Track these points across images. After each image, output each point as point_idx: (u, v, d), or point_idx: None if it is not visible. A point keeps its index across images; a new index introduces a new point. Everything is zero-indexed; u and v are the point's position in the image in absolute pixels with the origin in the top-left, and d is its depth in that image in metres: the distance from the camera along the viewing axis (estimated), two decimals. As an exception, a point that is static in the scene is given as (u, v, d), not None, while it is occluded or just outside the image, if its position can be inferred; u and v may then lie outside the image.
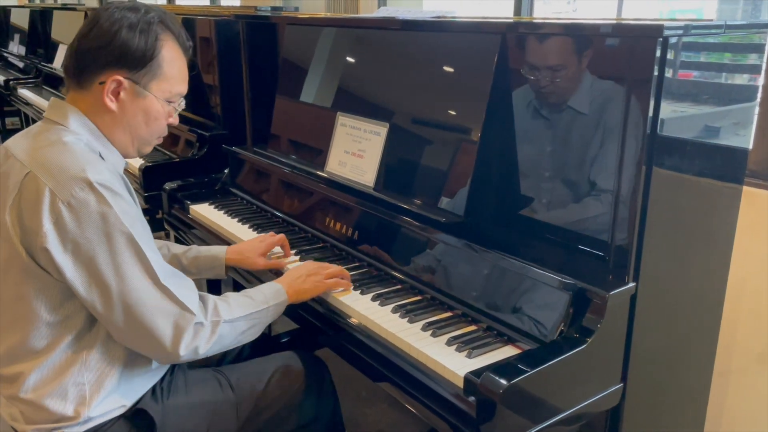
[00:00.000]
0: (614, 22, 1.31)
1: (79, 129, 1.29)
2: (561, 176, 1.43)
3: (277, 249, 1.77)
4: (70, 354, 1.28)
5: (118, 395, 1.33)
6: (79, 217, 1.18)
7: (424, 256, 1.57)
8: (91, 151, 1.28)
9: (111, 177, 1.23)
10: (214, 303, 1.33)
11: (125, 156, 1.39)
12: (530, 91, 1.46)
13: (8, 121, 6.40)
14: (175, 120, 1.41)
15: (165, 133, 1.41)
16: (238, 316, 1.35)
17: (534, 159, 1.48)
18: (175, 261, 1.69)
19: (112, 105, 1.30)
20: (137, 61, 1.29)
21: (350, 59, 1.94)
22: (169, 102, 1.36)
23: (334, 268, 1.56)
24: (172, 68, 1.34)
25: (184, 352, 1.26)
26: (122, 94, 1.30)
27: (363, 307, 1.48)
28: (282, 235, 1.76)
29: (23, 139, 1.31)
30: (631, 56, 1.25)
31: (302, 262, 1.66)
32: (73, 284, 1.21)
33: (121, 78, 1.28)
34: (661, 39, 1.19)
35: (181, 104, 1.41)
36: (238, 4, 5.24)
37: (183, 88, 1.39)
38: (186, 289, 1.29)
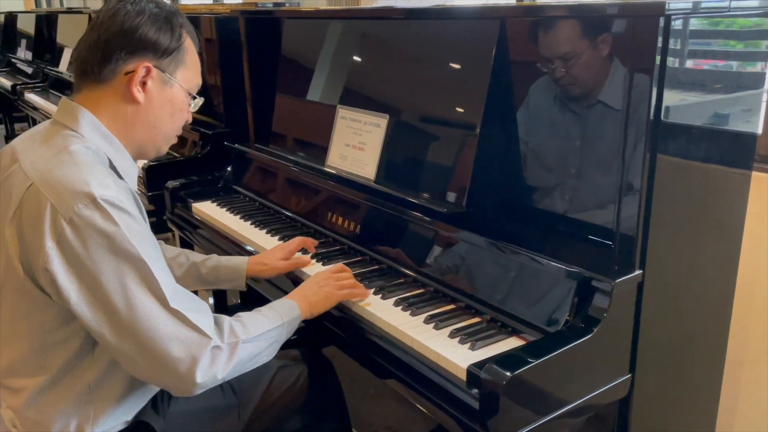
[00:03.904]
0: (618, 2, 1.27)
1: (89, 133, 1.22)
2: (565, 165, 1.40)
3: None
4: (73, 376, 1.22)
5: (119, 412, 1.29)
6: (83, 236, 1.09)
7: (426, 248, 1.54)
8: (100, 161, 1.19)
9: (118, 191, 1.13)
10: (230, 324, 1.23)
11: (142, 157, 1.35)
12: (533, 77, 1.43)
13: (17, 126, 6.43)
14: (189, 117, 1.37)
15: (181, 131, 1.38)
16: (255, 335, 1.25)
17: (536, 148, 1.45)
18: (193, 269, 1.64)
19: (140, 96, 1.24)
20: (165, 49, 1.25)
21: (349, 52, 1.92)
22: (189, 94, 1.33)
23: (348, 279, 1.49)
24: (193, 58, 1.33)
25: (202, 380, 1.15)
26: (149, 84, 1.25)
27: (364, 301, 1.46)
28: (301, 239, 1.71)
29: (30, 142, 1.24)
30: (633, 37, 1.22)
31: (315, 273, 1.56)
32: (79, 310, 1.11)
33: (150, 65, 1.24)
34: (663, 17, 1.15)
35: (197, 101, 1.37)
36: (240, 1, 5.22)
37: (200, 80, 1.36)
38: (199, 313, 1.18)
